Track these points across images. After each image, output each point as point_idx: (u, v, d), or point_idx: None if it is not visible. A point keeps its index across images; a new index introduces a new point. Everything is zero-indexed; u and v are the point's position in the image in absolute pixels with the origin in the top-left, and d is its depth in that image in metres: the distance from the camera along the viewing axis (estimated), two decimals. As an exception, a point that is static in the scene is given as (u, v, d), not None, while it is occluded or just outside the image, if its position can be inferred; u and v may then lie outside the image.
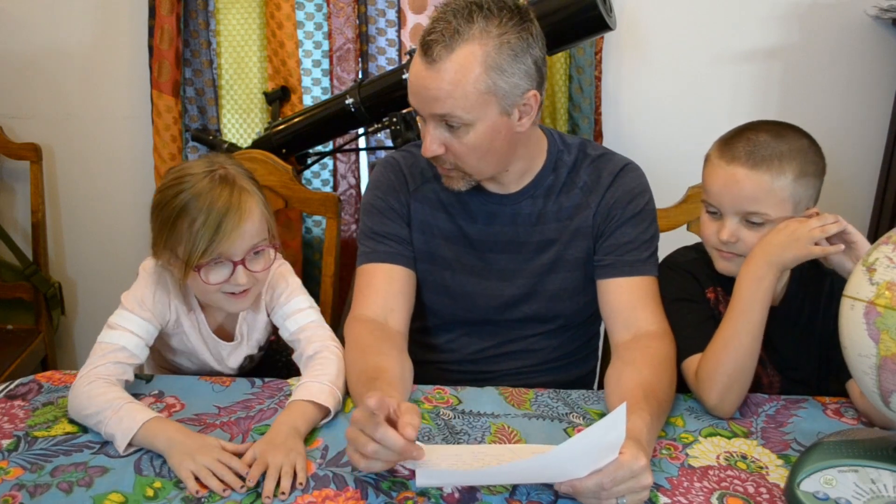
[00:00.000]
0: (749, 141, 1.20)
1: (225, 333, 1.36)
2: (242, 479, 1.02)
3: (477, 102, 1.18)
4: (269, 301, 1.35)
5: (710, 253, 1.28)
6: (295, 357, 1.32)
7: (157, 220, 1.21)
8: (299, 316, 1.32)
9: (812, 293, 1.28)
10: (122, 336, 1.22)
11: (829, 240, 1.14)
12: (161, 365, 1.43)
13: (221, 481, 1.01)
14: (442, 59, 1.16)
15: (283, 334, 1.35)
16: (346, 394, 1.21)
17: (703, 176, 1.26)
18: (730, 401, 1.17)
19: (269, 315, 1.36)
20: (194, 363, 1.37)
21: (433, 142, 1.23)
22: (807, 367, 1.30)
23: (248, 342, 1.37)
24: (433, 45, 1.16)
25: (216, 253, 1.17)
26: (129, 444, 1.07)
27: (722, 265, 1.25)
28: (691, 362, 1.22)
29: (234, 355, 1.36)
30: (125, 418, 1.08)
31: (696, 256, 1.34)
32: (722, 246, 1.23)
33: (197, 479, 1.01)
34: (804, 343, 1.29)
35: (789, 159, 1.18)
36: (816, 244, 1.14)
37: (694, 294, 1.30)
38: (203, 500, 0.99)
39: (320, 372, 1.20)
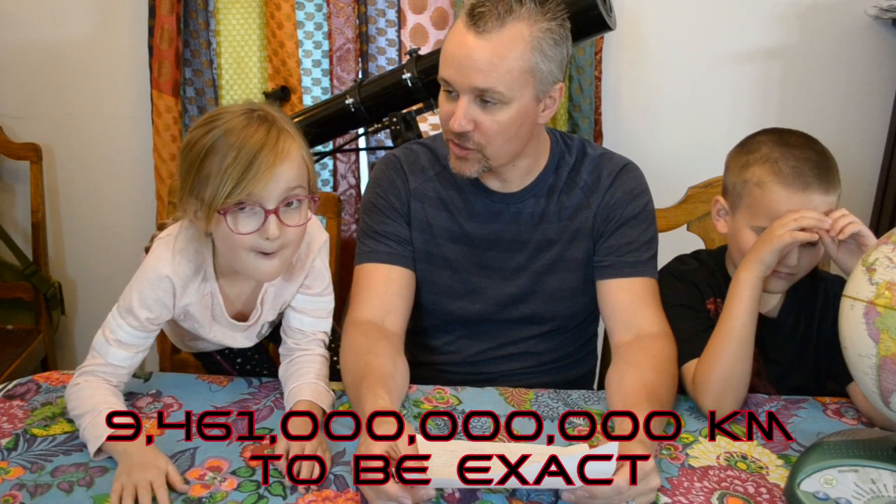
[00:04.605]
0: (809, 162, 1.17)
1: (241, 316, 1.25)
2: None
3: (518, 80, 1.18)
4: (307, 276, 1.24)
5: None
6: (287, 345, 1.27)
7: (185, 162, 1.08)
8: (323, 323, 1.28)
9: (807, 302, 1.28)
10: (109, 351, 1.15)
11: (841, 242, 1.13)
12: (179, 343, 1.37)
13: None
14: (492, 31, 1.16)
15: (293, 322, 1.26)
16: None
17: (759, 201, 1.19)
18: (725, 406, 1.17)
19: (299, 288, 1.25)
20: (209, 342, 1.29)
21: (464, 116, 1.20)
22: (802, 376, 1.30)
23: (269, 313, 1.25)
24: (485, 16, 1.16)
25: (245, 194, 1.04)
26: (100, 451, 1.07)
27: (777, 284, 1.21)
28: (690, 367, 1.22)
29: (249, 330, 1.27)
30: (98, 425, 1.07)
31: (697, 266, 1.34)
32: (782, 268, 1.19)
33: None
34: (800, 353, 1.29)
35: (836, 171, 1.19)
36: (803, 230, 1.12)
37: (694, 302, 1.30)
38: (204, 499, 0.99)
39: (322, 378, 1.21)
